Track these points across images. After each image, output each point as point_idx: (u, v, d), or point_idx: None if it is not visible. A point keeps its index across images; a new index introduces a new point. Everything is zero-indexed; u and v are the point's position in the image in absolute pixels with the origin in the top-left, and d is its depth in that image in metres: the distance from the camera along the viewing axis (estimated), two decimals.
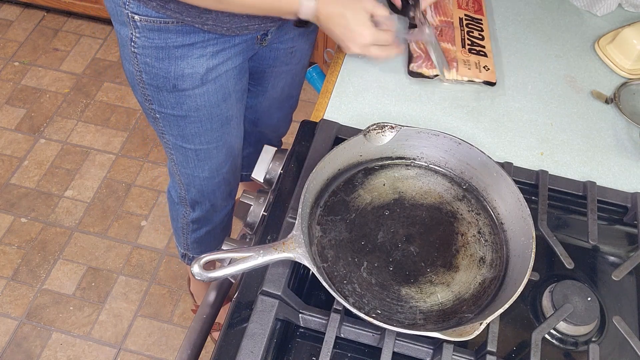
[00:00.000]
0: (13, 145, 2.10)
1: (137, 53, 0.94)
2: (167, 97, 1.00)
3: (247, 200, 0.89)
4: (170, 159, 1.18)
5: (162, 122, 1.07)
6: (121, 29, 0.93)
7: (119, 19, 0.92)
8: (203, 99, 1.02)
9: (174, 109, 1.03)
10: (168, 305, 1.75)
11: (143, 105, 1.06)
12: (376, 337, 0.69)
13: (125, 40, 0.94)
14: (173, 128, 1.07)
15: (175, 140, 1.10)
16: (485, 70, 1.00)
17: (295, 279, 0.75)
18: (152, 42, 0.92)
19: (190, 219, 1.34)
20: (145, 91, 1.01)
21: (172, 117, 1.05)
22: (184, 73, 0.96)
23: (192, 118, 1.05)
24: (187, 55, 0.94)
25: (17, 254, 1.84)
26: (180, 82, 0.97)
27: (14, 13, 2.51)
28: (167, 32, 0.90)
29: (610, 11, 1.14)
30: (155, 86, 0.99)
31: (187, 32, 0.91)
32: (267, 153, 0.91)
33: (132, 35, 0.92)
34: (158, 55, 0.93)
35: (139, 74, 0.97)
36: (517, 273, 0.70)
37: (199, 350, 0.78)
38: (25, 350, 1.66)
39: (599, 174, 0.92)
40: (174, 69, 0.95)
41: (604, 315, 0.76)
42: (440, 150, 0.82)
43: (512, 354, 0.73)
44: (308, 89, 2.24)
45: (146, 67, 0.96)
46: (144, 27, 0.90)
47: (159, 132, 1.11)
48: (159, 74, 0.96)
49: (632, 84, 1.01)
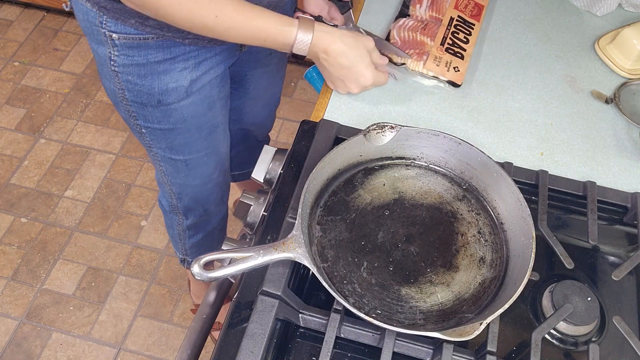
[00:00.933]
0: (13, 145, 2.10)
1: (118, 71, 0.92)
2: (153, 112, 0.98)
3: (247, 200, 0.89)
4: (159, 170, 1.16)
5: (148, 136, 1.05)
6: (98, 48, 0.91)
7: (96, 38, 0.90)
8: (189, 110, 1.00)
9: (160, 123, 1.01)
10: (168, 305, 1.75)
11: (128, 121, 1.04)
12: (376, 337, 0.69)
13: (103, 59, 0.92)
14: (160, 141, 1.06)
15: (164, 152, 1.09)
16: (454, 71, 1.00)
17: (295, 279, 0.75)
18: (133, 60, 0.90)
19: (185, 225, 1.33)
20: (129, 108, 0.99)
21: (159, 130, 1.03)
22: (168, 87, 0.94)
23: (180, 130, 1.03)
24: (170, 70, 0.92)
25: (17, 254, 1.84)
26: (165, 96, 0.95)
27: (14, 13, 2.51)
28: (147, 48, 0.88)
29: (610, 11, 1.14)
30: (139, 102, 0.97)
31: (167, 47, 0.89)
32: (267, 153, 0.91)
33: (111, 53, 0.89)
34: (140, 72, 0.91)
35: (121, 91, 0.95)
36: (517, 273, 0.70)
37: (199, 350, 0.78)
38: (25, 350, 1.66)
39: (599, 174, 0.92)
40: (157, 84, 0.93)
41: (604, 315, 0.76)
42: (440, 150, 0.82)
43: (512, 354, 0.73)
44: (308, 89, 2.24)
45: (128, 84, 0.93)
46: (123, 45, 0.88)
47: (146, 145, 1.09)
48: (142, 90, 0.94)
49: (632, 84, 1.01)
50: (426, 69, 1.00)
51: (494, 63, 1.06)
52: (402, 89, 1.00)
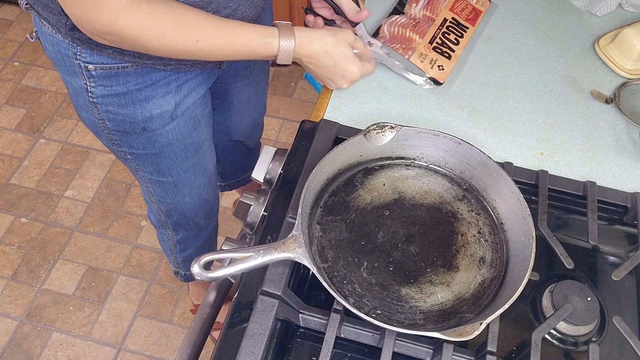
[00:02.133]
0: (13, 145, 2.10)
1: (97, 102, 0.88)
2: (137, 139, 0.95)
3: (247, 200, 0.89)
4: (147, 191, 1.14)
5: (134, 161, 1.02)
6: (72, 80, 0.87)
7: (68, 70, 0.85)
8: (174, 133, 0.97)
9: (145, 149, 0.98)
10: (168, 305, 1.75)
11: (111, 148, 1.00)
12: (376, 337, 0.69)
13: (79, 91, 0.88)
14: (147, 165, 1.03)
15: (151, 175, 1.07)
16: (437, 69, 1.00)
17: (295, 279, 0.75)
18: (112, 90, 0.86)
19: (176, 240, 1.32)
20: (112, 136, 0.95)
21: (145, 155, 1.00)
22: (152, 114, 0.91)
23: (166, 153, 1.00)
24: (152, 96, 0.89)
25: (17, 254, 1.84)
26: (149, 123, 0.92)
27: (14, 13, 2.51)
28: (126, 76, 0.85)
29: (610, 11, 1.14)
30: (122, 131, 0.93)
31: (147, 73, 0.86)
32: (267, 153, 0.91)
33: (87, 85, 0.85)
34: (120, 102, 0.87)
35: (101, 121, 0.92)
36: (517, 273, 0.70)
37: (199, 350, 0.78)
38: (25, 350, 1.66)
39: (599, 174, 0.92)
40: (140, 112, 0.90)
41: (604, 315, 0.76)
42: (440, 150, 0.82)
43: (512, 354, 0.73)
44: (308, 89, 2.24)
45: (109, 115, 0.90)
46: (100, 75, 0.84)
47: (132, 169, 1.07)
48: (125, 120, 0.91)
49: (632, 84, 1.01)
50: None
51: (494, 63, 1.06)
52: (402, 89, 1.00)
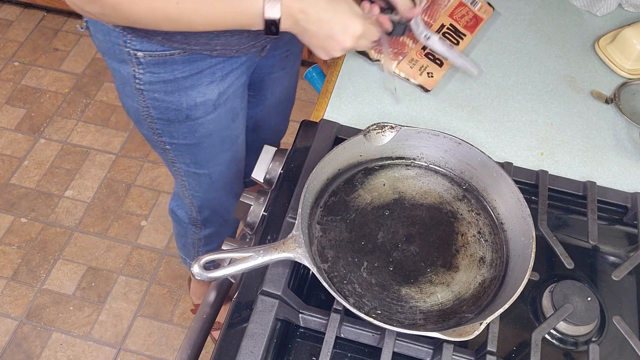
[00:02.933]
0: (13, 145, 2.10)
1: (143, 89, 0.90)
2: (179, 127, 0.97)
3: (247, 200, 0.89)
4: (181, 184, 1.16)
5: (172, 152, 1.04)
6: (120, 67, 0.89)
7: (118, 57, 0.87)
8: (214, 123, 0.99)
9: (185, 138, 1.00)
10: (168, 305, 1.75)
11: (150, 138, 1.03)
12: (376, 337, 0.69)
13: (126, 78, 0.90)
14: (185, 157, 1.05)
15: (188, 167, 1.08)
16: (427, 76, 1.00)
17: (295, 279, 0.75)
18: (159, 77, 0.88)
19: (202, 235, 1.34)
20: (153, 125, 0.98)
21: (184, 146, 1.02)
22: (197, 102, 0.93)
23: (205, 144, 1.02)
24: (197, 84, 0.91)
25: (17, 254, 1.84)
26: (193, 111, 0.94)
27: (14, 13, 2.51)
28: (173, 64, 0.86)
29: (610, 11, 1.14)
30: (165, 119, 0.96)
31: (193, 61, 0.87)
32: (267, 153, 0.91)
33: (135, 72, 0.87)
34: (167, 89, 0.90)
35: (145, 109, 0.94)
36: (517, 273, 0.70)
37: (199, 350, 0.78)
38: (25, 350, 1.66)
39: (599, 174, 0.92)
40: (185, 100, 0.92)
41: (604, 315, 0.76)
42: (440, 150, 0.82)
43: (512, 354, 0.73)
44: (308, 89, 2.24)
45: (154, 102, 0.92)
46: (149, 62, 0.86)
47: (169, 161, 1.08)
48: (169, 107, 0.93)
49: (632, 84, 1.01)
50: (398, 69, 1.00)
51: (494, 63, 1.06)
52: (402, 89, 1.00)
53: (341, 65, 1.04)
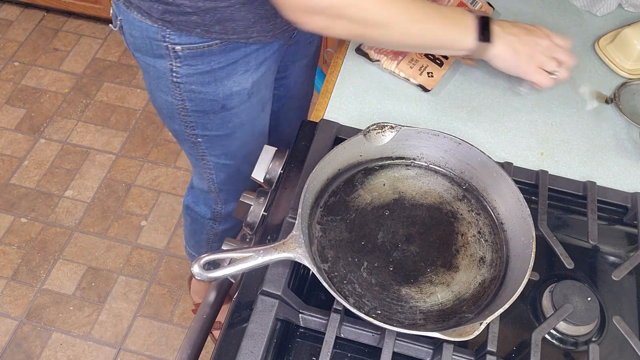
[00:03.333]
0: (13, 145, 2.10)
1: (180, 82, 0.92)
2: (213, 119, 0.99)
3: (247, 200, 0.89)
4: (209, 178, 1.17)
5: (204, 144, 1.06)
6: (156, 62, 0.91)
7: (155, 53, 0.90)
8: (247, 113, 1.02)
9: (219, 130, 1.02)
10: (168, 305, 1.75)
11: (181, 132, 1.04)
12: (376, 337, 0.69)
13: (162, 73, 0.92)
14: (216, 148, 1.07)
15: (218, 159, 1.10)
16: (427, 76, 0.99)
17: (295, 279, 0.75)
18: (197, 69, 0.90)
19: (220, 230, 1.35)
20: (188, 118, 1.00)
21: (216, 137, 1.04)
22: (232, 91, 0.95)
23: (236, 135, 1.05)
24: (232, 73, 0.93)
25: (17, 254, 1.84)
26: (228, 101, 0.97)
27: (14, 13, 2.51)
28: (210, 55, 0.89)
29: (610, 11, 1.14)
30: (200, 111, 0.98)
31: (229, 51, 0.90)
32: (267, 153, 0.91)
33: (172, 65, 0.90)
34: (204, 80, 0.92)
35: (180, 102, 0.96)
36: (517, 273, 0.70)
37: (199, 350, 0.78)
38: (25, 350, 1.66)
39: (599, 174, 0.92)
40: (221, 90, 0.94)
41: (604, 315, 0.76)
42: (440, 150, 0.82)
43: (512, 354, 0.73)
44: None
45: (191, 94, 0.94)
46: (186, 55, 0.88)
47: (198, 155, 1.10)
48: (206, 98, 0.95)
49: (632, 84, 1.01)
50: (398, 69, 1.00)
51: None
52: (402, 89, 1.00)
53: (341, 65, 1.04)
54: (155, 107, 1.05)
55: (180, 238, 1.89)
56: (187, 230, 1.45)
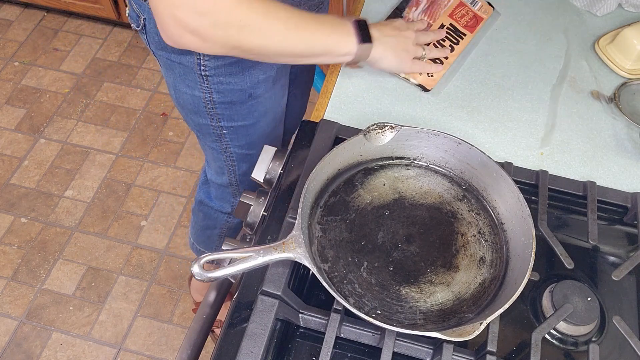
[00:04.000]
0: (13, 145, 2.10)
1: (209, 75, 0.94)
2: (240, 109, 1.01)
3: (247, 200, 0.89)
4: (231, 171, 1.18)
5: (229, 136, 1.07)
6: (182, 59, 0.93)
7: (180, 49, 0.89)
8: (271, 101, 1.04)
9: (244, 120, 1.04)
10: (168, 305, 1.75)
11: (206, 126, 1.06)
12: (376, 337, 0.69)
13: (189, 68, 0.93)
14: (241, 138, 1.08)
15: (241, 150, 1.11)
16: (426, 76, 1.00)
17: (295, 279, 0.75)
18: (224, 60, 0.92)
19: (235, 222, 1.36)
20: (214, 111, 1.01)
21: (242, 127, 1.05)
22: (259, 79, 0.97)
23: (261, 123, 1.06)
24: (258, 62, 0.94)
25: (17, 254, 1.84)
26: (256, 89, 0.98)
27: (14, 13, 2.51)
28: None
29: (610, 11, 1.14)
30: (228, 102, 0.99)
31: None
32: (267, 153, 0.91)
33: (200, 60, 0.91)
34: (232, 70, 0.93)
35: (208, 95, 0.97)
36: (517, 273, 0.70)
37: (199, 350, 0.78)
38: (25, 350, 1.66)
39: (599, 174, 0.92)
40: (249, 78, 0.96)
41: (604, 315, 0.76)
42: (440, 150, 0.82)
43: (512, 354, 0.73)
44: None
45: (219, 86, 0.96)
46: None
47: (221, 148, 1.11)
48: (234, 88, 0.96)
49: (632, 84, 1.01)
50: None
51: (494, 63, 1.06)
52: (402, 89, 1.00)
53: (341, 65, 1.04)
54: (177, 104, 1.06)
55: (180, 238, 1.89)
56: (197, 227, 1.45)
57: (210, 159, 1.22)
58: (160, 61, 0.99)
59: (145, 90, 2.27)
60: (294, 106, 1.36)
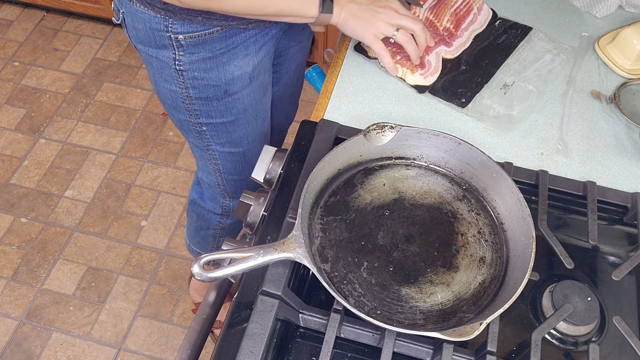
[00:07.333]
0: (13, 145, 2.10)
1: (183, 70, 0.95)
2: (217, 105, 1.02)
3: (247, 200, 0.89)
4: (215, 169, 1.19)
5: (209, 133, 1.08)
6: (159, 53, 0.94)
7: (158, 43, 0.93)
8: (249, 98, 1.04)
9: (223, 117, 1.04)
10: (168, 305, 1.75)
11: (186, 122, 1.07)
12: (376, 337, 0.69)
13: (165, 63, 0.95)
14: (221, 136, 1.09)
15: (223, 147, 1.12)
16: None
17: (295, 279, 0.75)
18: (199, 56, 0.93)
19: (228, 224, 1.36)
20: (192, 107, 1.02)
21: (221, 125, 1.06)
22: (234, 76, 0.98)
23: (240, 121, 1.07)
24: (233, 58, 0.96)
25: (17, 254, 1.84)
26: (231, 86, 0.99)
27: (14, 13, 2.51)
28: (212, 42, 0.92)
29: (610, 13, 1.14)
30: (204, 98, 1.00)
31: (230, 36, 0.93)
32: (267, 153, 0.91)
33: (175, 54, 0.93)
34: (206, 66, 0.95)
35: (184, 90, 0.99)
36: (517, 273, 0.70)
37: (199, 350, 0.78)
38: (25, 350, 1.66)
39: (599, 174, 0.92)
40: (223, 74, 0.97)
41: (604, 315, 0.76)
42: (440, 150, 0.82)
43: (512, 354, 0.73)
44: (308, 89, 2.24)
45: (194, 81, 0.97)
46: (189, 44, 0.91)
47: (203, 145, 1.12)
48: (209, 84, 0.97)
49: (632, 84, 1.01)
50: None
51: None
52: (402, 89, 1.00)
53: (341, 65, 1.04)
54: (159, 99, 1.07)
55: (180, 238, 1.89)
56: (192, 228, 1.45)
57: (196, 157, 1.22)
58: (141, 56, 1.00)
59: (145, 90, 2.27)
60: (282, 105, 1.36)
